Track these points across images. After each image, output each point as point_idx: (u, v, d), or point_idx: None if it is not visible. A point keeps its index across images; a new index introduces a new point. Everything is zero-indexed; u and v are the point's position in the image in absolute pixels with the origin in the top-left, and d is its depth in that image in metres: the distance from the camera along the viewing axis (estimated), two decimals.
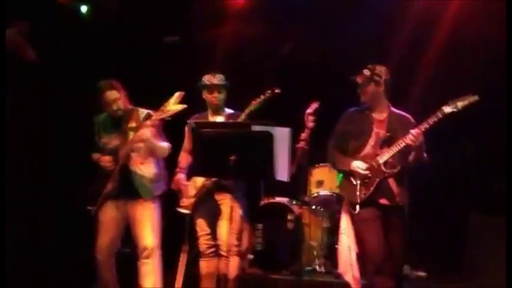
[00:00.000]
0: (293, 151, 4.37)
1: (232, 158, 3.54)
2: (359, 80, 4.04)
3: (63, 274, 5.65)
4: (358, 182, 3.92)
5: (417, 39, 5.93)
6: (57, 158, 5.90)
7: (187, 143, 4.64)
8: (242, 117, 4.36)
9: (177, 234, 4.83)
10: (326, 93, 4.50)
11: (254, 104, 4.35)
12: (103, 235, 4.48)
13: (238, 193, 4.49)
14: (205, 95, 4.61)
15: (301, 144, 4.17)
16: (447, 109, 3.77)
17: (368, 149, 4.02)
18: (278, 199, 5.79)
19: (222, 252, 4.42)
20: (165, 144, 4.51)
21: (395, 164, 3.93)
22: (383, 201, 3.96)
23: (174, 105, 4.15)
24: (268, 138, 3.52)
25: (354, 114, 4.14)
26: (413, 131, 3.79)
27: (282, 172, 3.64)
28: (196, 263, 4.66)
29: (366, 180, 3.92)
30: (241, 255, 4.59)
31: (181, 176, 4.61)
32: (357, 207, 3.90)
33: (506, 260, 4.01)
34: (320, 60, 6.38)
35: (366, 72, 4.02)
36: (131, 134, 4.41)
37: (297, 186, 5.16)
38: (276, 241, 5.66)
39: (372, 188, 3.91)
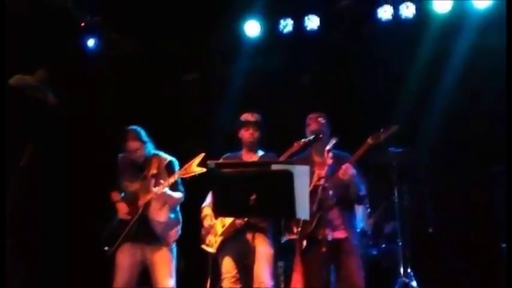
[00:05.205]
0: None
1: (253, 197, 3.51)
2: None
3: None
4: (302, 219, 4.10)
5: None
6: (77, 197, 5.96)
7: None
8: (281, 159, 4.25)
9: (199, 272, 4.80)
10: (343, 127, 4.49)
11: (296, 147, 4.31)
12: (119, 278, 4.52)
13: (270, 232, 4.47)
14: (242, 133, 4.62)
15: (321, 181, 4.15)
16: (371, 141, 4.16)
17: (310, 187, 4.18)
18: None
19: None
20: (178, 195, 4.57)
21: (331, 198, 4.19)
22: (324, 234, 4.13)
23: (196, 167, 4.29)
24: (288, 176, 3.48)
25: (298, 160, 4.32)
26: (344, 165, 4.12)
27: (303, 210, 3.60)
28: None
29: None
30: None
31: (208, 213, 4.55)
32: (304, 242, 4.18)
33: (507, 260, 4.09)
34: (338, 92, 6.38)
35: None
36: (152, 181, 4.47)
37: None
38: None
39: (313, 223, 4.13)
